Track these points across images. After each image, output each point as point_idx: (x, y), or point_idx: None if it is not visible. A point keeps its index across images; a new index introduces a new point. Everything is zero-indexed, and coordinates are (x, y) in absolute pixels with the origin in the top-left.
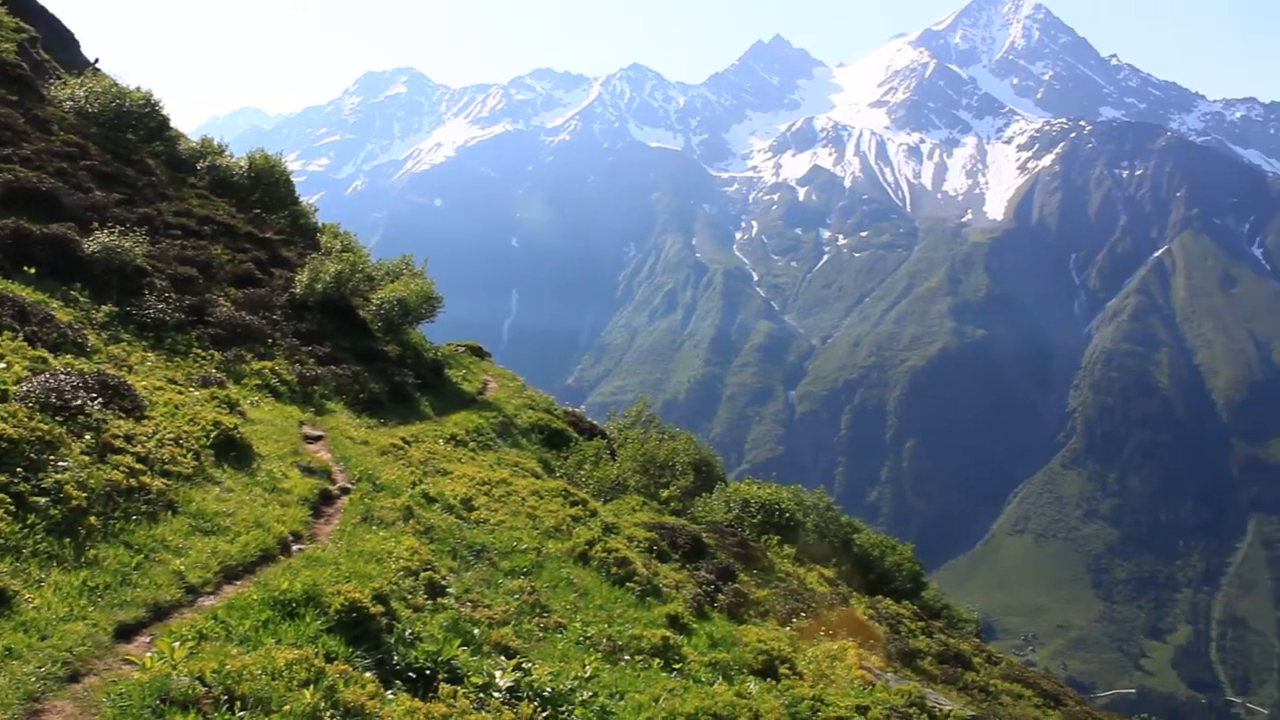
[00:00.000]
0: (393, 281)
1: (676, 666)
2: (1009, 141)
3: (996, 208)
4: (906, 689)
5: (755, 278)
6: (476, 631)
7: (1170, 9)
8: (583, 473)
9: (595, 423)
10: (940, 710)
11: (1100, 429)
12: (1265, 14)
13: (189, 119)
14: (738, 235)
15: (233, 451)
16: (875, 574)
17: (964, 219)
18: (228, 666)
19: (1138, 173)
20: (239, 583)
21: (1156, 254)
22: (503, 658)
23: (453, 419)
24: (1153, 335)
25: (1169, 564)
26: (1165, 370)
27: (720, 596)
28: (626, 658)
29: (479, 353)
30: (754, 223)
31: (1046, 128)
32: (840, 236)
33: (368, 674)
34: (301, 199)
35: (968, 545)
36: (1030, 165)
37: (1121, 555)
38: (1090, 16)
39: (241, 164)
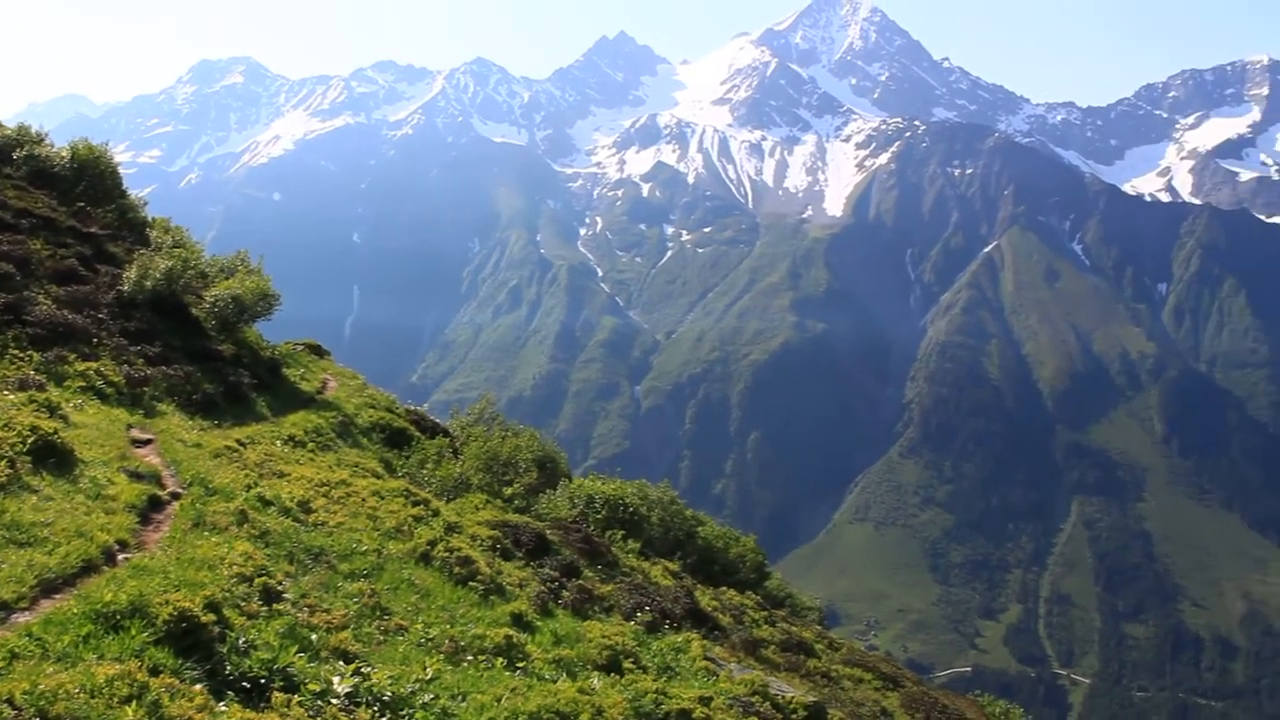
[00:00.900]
0: (228, 278)
1: (520, 665)
2: (847, 140)
3: (836, 204)
4: (750, 678)
5: (600, 273)
6: (314, 637)
7: (998, 16)
8: (425, 472)
9: (438, 421)
10: (783, 697)
11: (935, 419)
12: (1083, 23)
13: (4, 106)
14: (582, 231)
15: (52, 458)
16: (720, 566)
17: (804, 215)
18: (41, 686)
19: (968, 171)
20: (58, 596)
21: (986, 249)
22: (341, 663)
23: (290, 419)
24: (983, 328)
25: (1000, 547)
26: (995, 361)
27: (565, 593)
28: (469, 658)
29: (318, 351)
30: (598, 219)
31: (883, 127)
32: (684, 232)
33: (197, 686)
34: (131, 192)
35: (811, 534)
36: (868, 163)
37: (957, 540)
38: (924, 20)
39: (63, 154)
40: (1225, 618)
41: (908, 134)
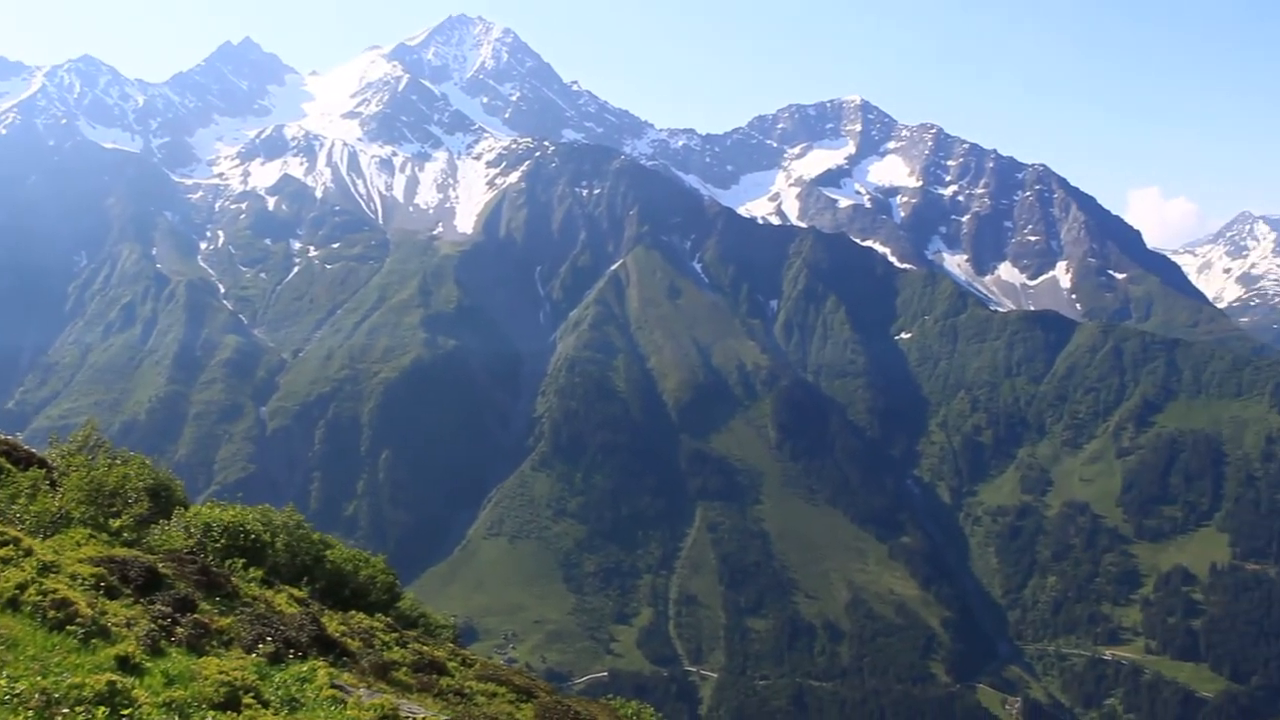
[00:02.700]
0: None
1: (125, 713)
2: (479, 158)
3: (466, 222)
4: (379, 702)
5: (222, 290)
6: None
7: (625, 44)
8: (16, 507)
9: (34, 450)
10: (414, 719)
11: (566, 432)
12: (702, 54)
13: None
14: (203, 245)
15: None
16: (350, 589)
17: (435, 232)
18: None
19: (596, 192)
20: None
21: (613, 267)
22: None
23: None
24: (610, 343)
25: (631, 553)
26: (622, 375)
27: (179, 630)
28: (65, 711)
29: None
30: (220, 232)
31: (514, 146)
32: (311, 248)
33: None
34: None
35: (447, 551)
36: (498, 181)
37: (589, 549)
38: (555, 44)
39: None
40: (833, 605)
41: (538, 154)
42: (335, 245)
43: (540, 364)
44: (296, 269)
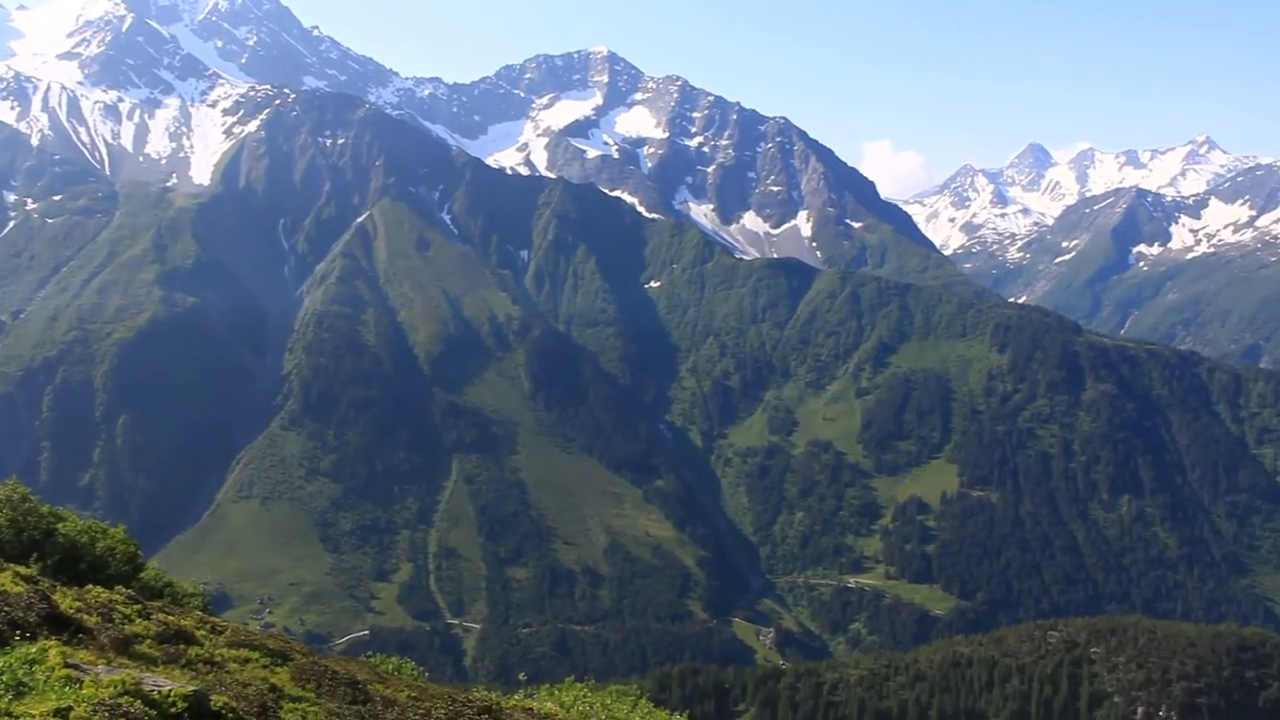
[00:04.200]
0: None
1: None
2: (214, 105)
3: (203, 172)
4: (119, 678)
5: None
6: None
7: None
8: None
9: None
10: (159, 692)
11: (316, 389)
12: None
13: None
14: None
15: None
16: (86, 563)
17: (169, 183)
18: None
19: (340, 141)
20: None
21: (360, 219)
22: None
23: None
24: (359, 297)
25: (388, 509)
26: (372, 329)
27: None
28: None
29: None
30: None
31: (251, 93)
32: (29, 200)
33: None
34: None
35: (195, 517)
36: (236, 130)
37: (345, 508)
38: None
39: None
40: (592, 551)
41: (277, 101)
42: (57, 198)
43: (286, 320)
44: (13, 223)
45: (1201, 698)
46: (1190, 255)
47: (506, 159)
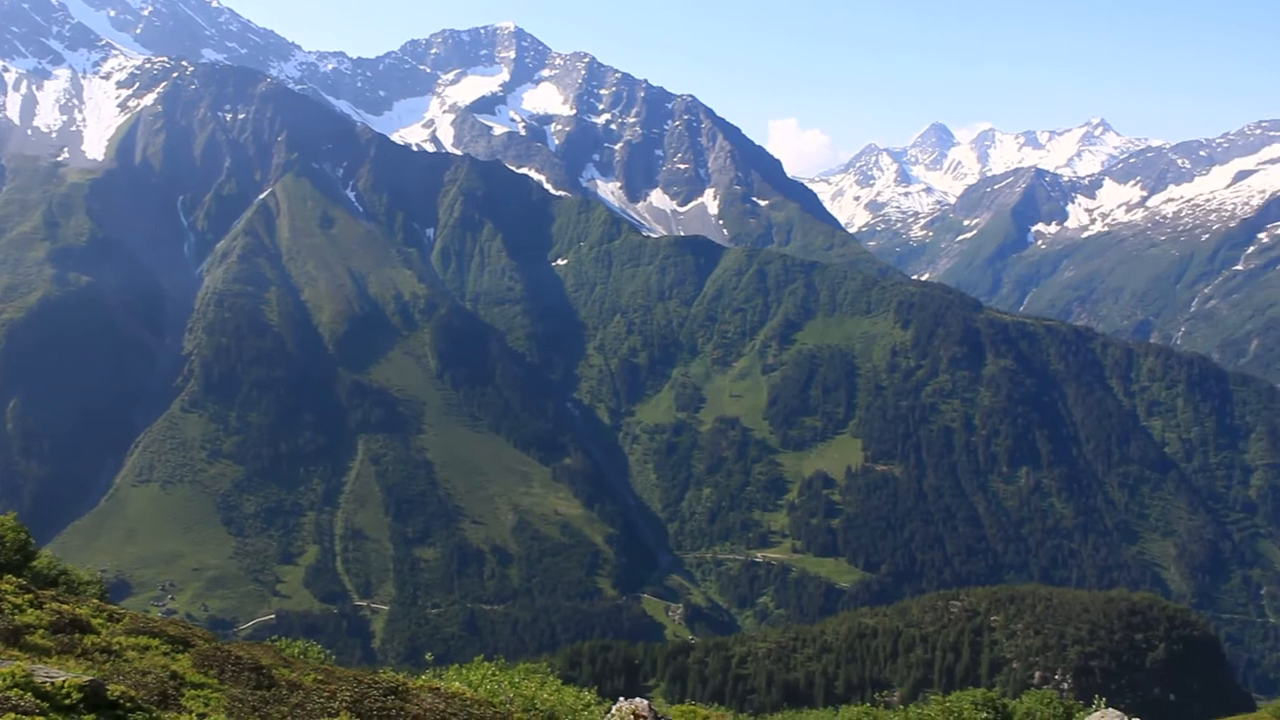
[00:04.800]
0: None
1: None
2: (108, 77)
3: (96, 147)
4: (8, 670)
5: None
6: None
7: None
8: None
9: None
10: (53, 684)
11: (218, 369)
12: None
13: None
14: None
15: None
16: None
17: (60, 158)
18: None
19: (240, 116)
20: None
21: (261, 196)
22: None
23: None
24: (261, 275)
25: (294, 491)
26: (275, 308)
27: None
28: None
29: None
30: None
31: (148, 65)
32: None
33: None
34: None
35: (92, 502)
36: (132, 104)
37: (249, 490)
38: None
39: None
40: (500, 530)
41: (175, 74)
42: None
43: (186, 299)
44: None
45: (1094, 661)
46: (1086, 234)
47: (412, 135)
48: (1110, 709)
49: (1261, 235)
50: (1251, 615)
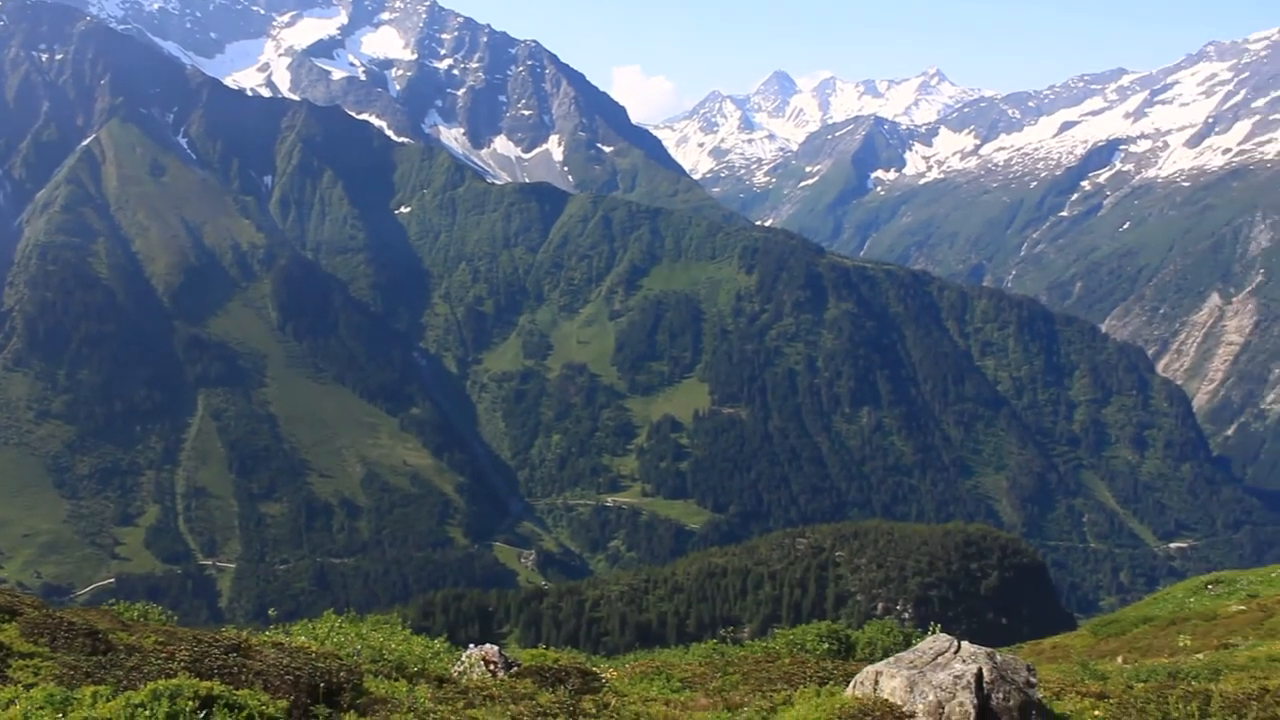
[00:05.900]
0: None
1: None
2: None
3: None
4: None
5: None
6: None
7: None
8: None
9: None
10: None
11: (43, 326)
12: None
13: None
14: None
15: None
16: None
17: None
18: None
19: (58, 57)
20: None
21: (85, 143)
22: None
23: None
24: (88, 226)
25: (130, 450)
26: (104, 260)
27: None
28: None
29: None
30: None
31: None
32: None
33: None
34: None
35: None
36: None
37: (81, 451)
38: None
39: None
40: (349, 482)
41: None
42: None
43: (5, 252)
44: None
45: (933, 591)
46: (923, 181)
47: (246, 79)
48: (942, 634)
49: (1084, 183)
50: (1075, 541)
